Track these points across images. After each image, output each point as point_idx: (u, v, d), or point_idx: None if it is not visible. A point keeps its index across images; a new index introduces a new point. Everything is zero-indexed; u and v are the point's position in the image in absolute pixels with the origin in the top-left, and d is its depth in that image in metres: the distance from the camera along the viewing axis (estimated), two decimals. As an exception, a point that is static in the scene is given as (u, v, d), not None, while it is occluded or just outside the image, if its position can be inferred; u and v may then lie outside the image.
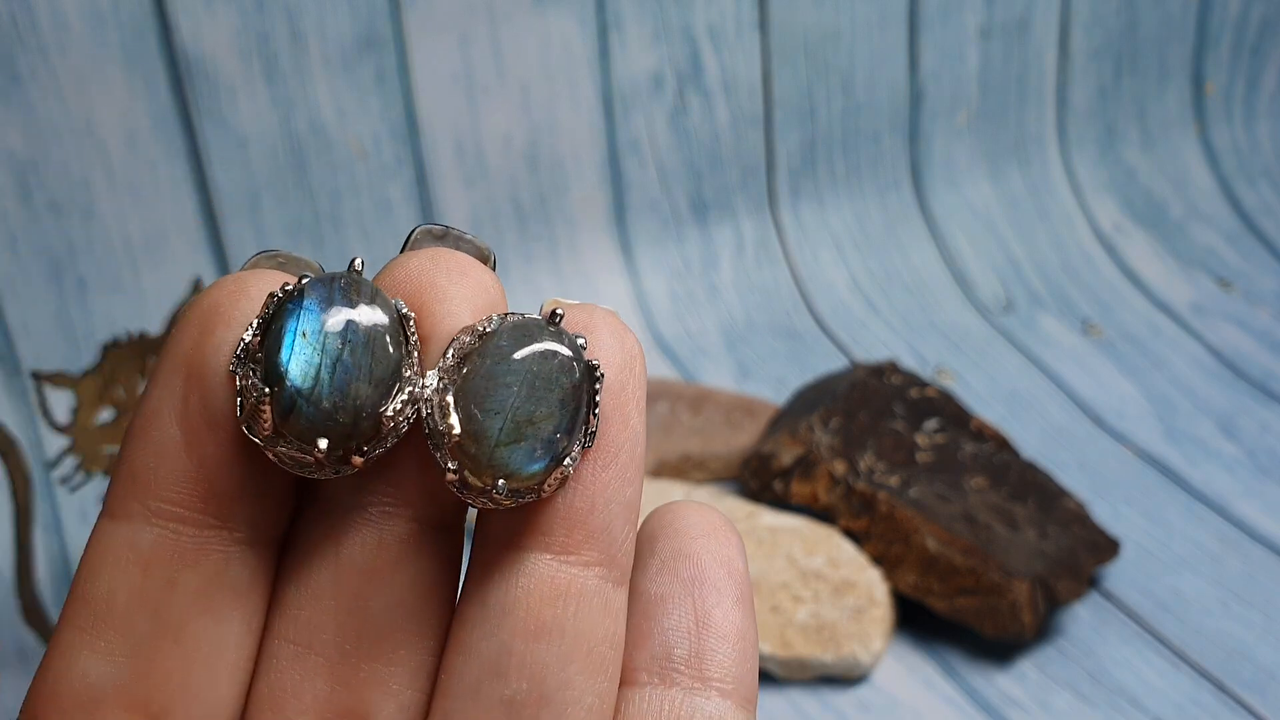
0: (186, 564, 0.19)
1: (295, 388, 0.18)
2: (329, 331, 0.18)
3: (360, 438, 0.18)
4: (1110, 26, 0.91)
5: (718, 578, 0.20)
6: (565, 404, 0.19)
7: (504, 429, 0.18)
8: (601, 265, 0.80)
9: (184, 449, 0.18)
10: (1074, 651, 0.58)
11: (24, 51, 0.63)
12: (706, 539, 0.21)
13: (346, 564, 0.19)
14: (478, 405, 0.18)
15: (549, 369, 0.18)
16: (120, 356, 0.50)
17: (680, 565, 0.20)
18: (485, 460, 0.18)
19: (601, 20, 0.75)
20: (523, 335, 0.19)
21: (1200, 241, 0.89)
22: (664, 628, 0.20)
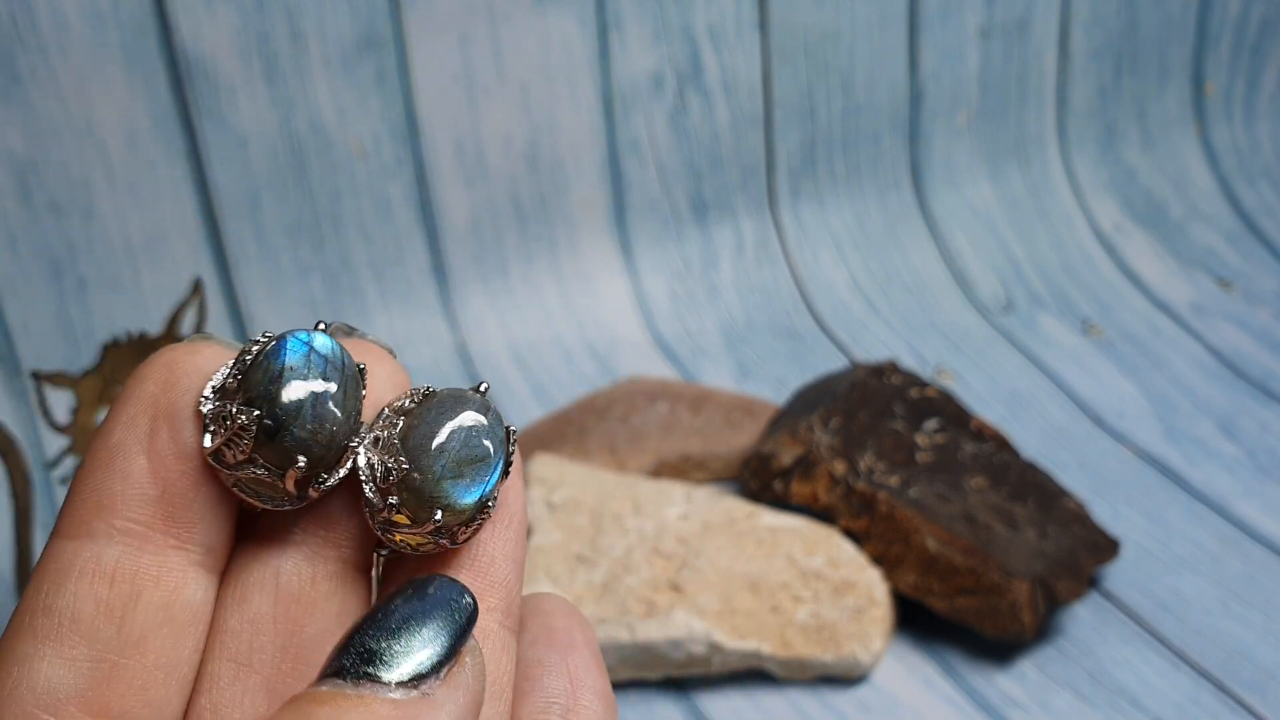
0: (149, 580, 0.20)
1: (283, 413, 0.20)
2: (314, 365, 0.21)
3: (325, 466, 0.21)
4: (1110, 26, 0.91)
5: (583, 650, 0.24)
6: (494, 454, 0.22)
7: (446, 466, 0.21)
8: (601, 265, 0.80)
9: (150, 476, 0.20)
10: (1074, 651, 0.58)
11: (24, 51, 0.63)
12: (568, 617, 0.24)
13: (284, 593, 0.21)
14: (422, 447, 0.21)
15: (478, 425, 0.22)
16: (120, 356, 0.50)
17: (556, 639, 0.24)
18: (428, 492, 0.21)
19: (601, 20, 0.75)
20: (455, 399, 0.22)
21: (1200, 241, 0.89)
22: (544, 686, 0.23)
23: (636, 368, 0.77)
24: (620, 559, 0.58)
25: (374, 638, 0.19)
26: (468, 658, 0.20)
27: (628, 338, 0.78)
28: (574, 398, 0.74)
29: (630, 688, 0.57)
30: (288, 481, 0.21)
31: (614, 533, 0.59)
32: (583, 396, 0.73)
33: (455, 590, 0.20)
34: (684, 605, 0.56)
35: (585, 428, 0.69)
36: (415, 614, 0.20)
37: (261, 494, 0.21)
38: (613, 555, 0.58)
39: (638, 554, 0.58)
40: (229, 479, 0.21)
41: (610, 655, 0.55)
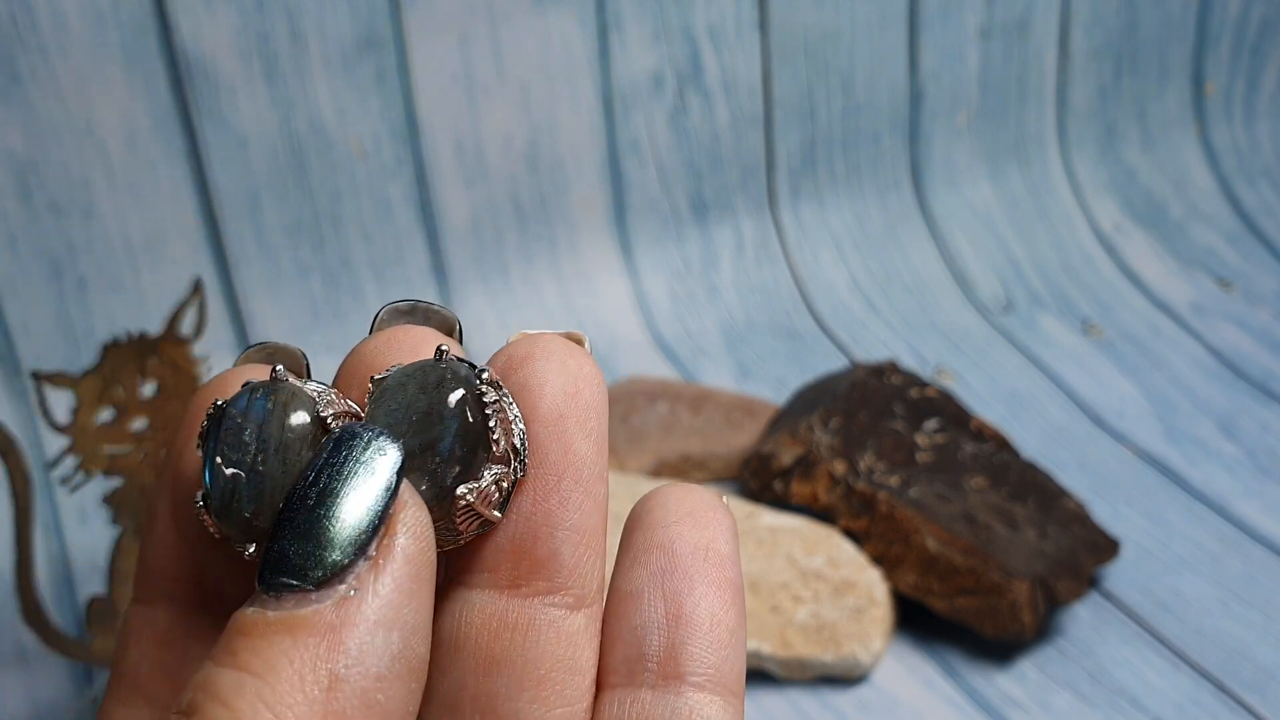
0: (194, 639, 0.20)
1: (218, 501, 0.19)
2: (245, 443, 0.19)
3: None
4: (1110, 26, 0.91)
5: (690, 564, 0.20)
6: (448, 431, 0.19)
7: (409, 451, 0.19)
8: (601, 265, 0.80)
9: (177, 548, 0.20)
10: (1074, 651, 0.58)
11: (24, 51, 0.63)
12: (681, 524, 0.20)
13: None
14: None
15: (425, 402, 0.19)
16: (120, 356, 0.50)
17: (651, 556, 0.20)
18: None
19: (601, 20, 0.75)
20: (407, 375, 0.19)
21: (1200, 241, 0.89)
22: (634, 625, 0.20)
23: (636, 368, 0.77)
24: (620, 559, 0.58)
25: (285, 535, 0.17)
26: (400, 523, 0.18)
27: (628, 338, 0.78)
28: (574, 398, 0.74)
29: (630, 688, 0.56)
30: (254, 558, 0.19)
31: (614, 533, 0.59)
32: (583, 396, 0.72)
33: (365, 445, 0.18)
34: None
35: (585, 428, 0.69)
36: (327, 492, 0.17)
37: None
38: (613, 555, 0.58)
39: (638, 554, 0.58)
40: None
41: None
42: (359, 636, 0.17)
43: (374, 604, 0.17)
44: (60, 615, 0.60)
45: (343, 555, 0.17)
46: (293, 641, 0.17)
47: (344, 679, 0.16)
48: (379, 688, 0.17)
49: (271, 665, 0.16)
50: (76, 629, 0.59)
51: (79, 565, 0.62)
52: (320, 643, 0.17)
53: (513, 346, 0.20)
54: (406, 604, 0.17)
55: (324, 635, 0.17)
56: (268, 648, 0.17)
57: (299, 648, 0.17)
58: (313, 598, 0.17)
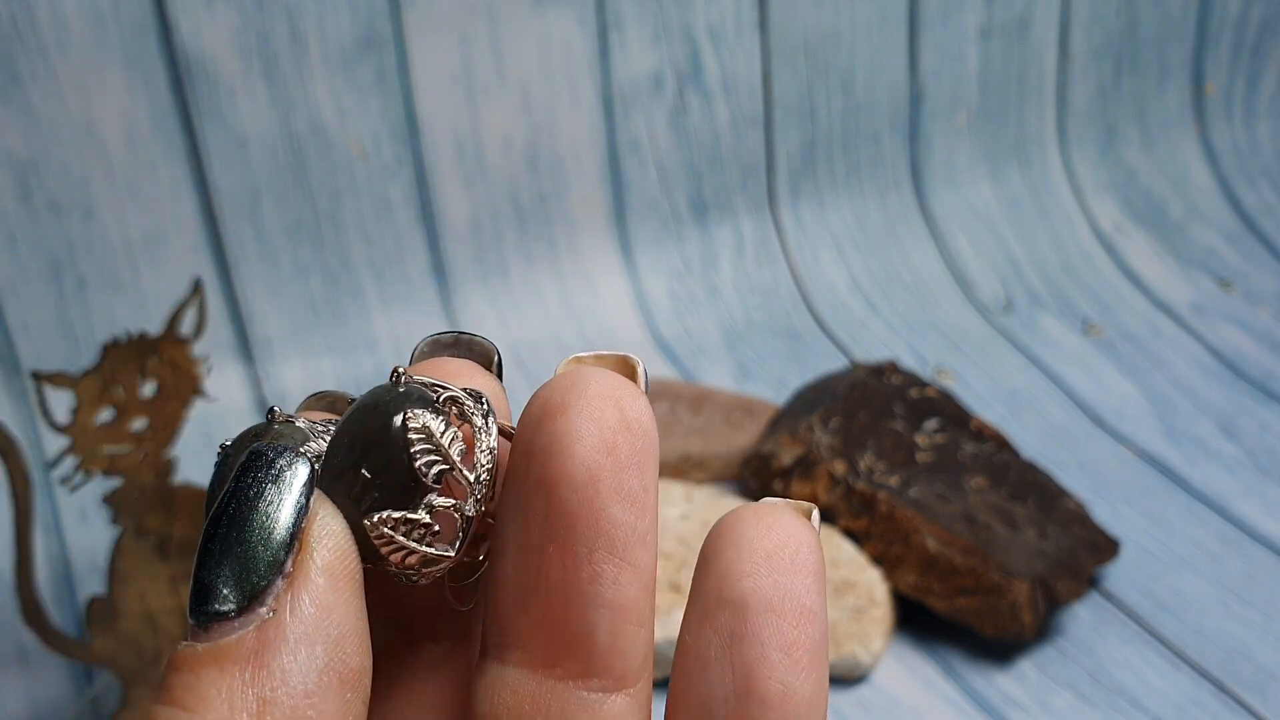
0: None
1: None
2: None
3: None
4: (1110, 26, 0.91)
5: (763, 629, 0.17)
6: (367, 458, 0.18)
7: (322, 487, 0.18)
8: (601, 265, 0.80)
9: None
10: (1074, 651, 0.58)
11: (24, 51, 0.63)
12: (757, 574, 0.18)
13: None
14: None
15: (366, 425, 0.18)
16: (120, 356, 0.50)
17: (721, 615, 0.18)
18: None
19: (601, 20, 0.75)
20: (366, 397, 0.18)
21: (1200, 241, 0.89)
22: (702, 694, 0.18)
23: (636, 368, 0.77)
24: (620, 559, 0.58)
25: (205, 564, 0.17)
26: (312, 536, 0.17)
27: (628, 338, 0.78)
28: (574, 398, 0.74)
29: (630, 688, 0.56)
30: None
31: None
32: (583, 396, 0.72)
33: (272, 464, 0.17)
34: (684, 605, 0.56)
35: (585, 428, 0.69)
36: (238, 515, 0.17)
37: None
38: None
39: (638, 554, 0.58)
40: None
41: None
42: (282, 657, 0.16)
43: (293, 622, 0.16)
44: (60, 615, 0.60)
45: (260, 578, 0.17)
46: (219, 672, 0.16)
47: (272, 701, 0.16)
48: (309, 704, 0.16)
49: (203, 698, 0.16)
50: (76, 629, 0.59)
51: (79, 565, 0.62)
52: (245, 669, 0.16)
53: (551, 389, 0.18)
54: (327, 617, 0.17)
55: (248, 661, 0.16)
56: (198, 681, 0.16)
57: (225, 677, 0.16)
58: (235, 624, 0.16)
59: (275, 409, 0.19)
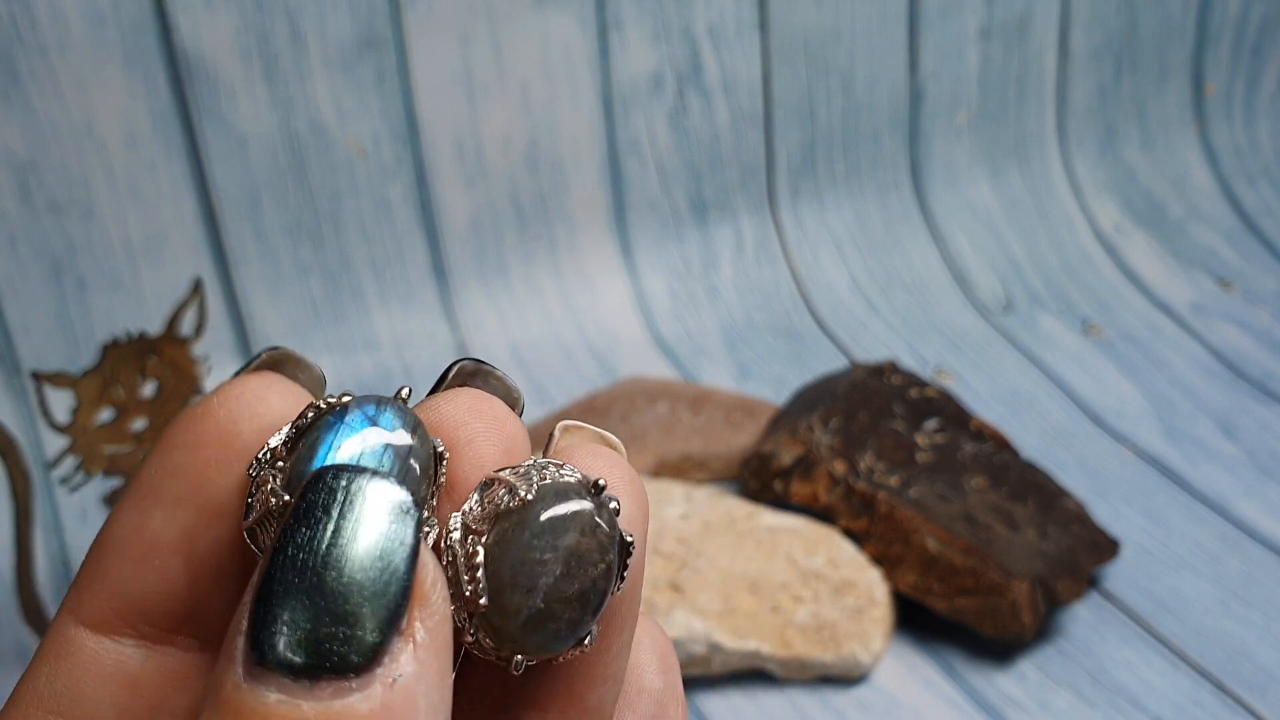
0: (175, 687, 0.18)
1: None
2: (364, 451, 0.17)
3: None
4: (1110, 26, 0.91)
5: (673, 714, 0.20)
6: (598, 585, 0.17)
7: (534, 610, 0.17)
8: (601, 265, 0.80)
9: (187, 588, 0.18)
10: (1074, 651, 0.58)
11: (24, 51, 0.63)
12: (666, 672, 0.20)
13: None
14: (511, 579, 0.17)
15: (588, 548, 0.17)
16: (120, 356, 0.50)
17: (641, 701, 0.20)
18: (510, 636, 0.17)
19: (601, 20, 0.75)
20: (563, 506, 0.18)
21: (1200, 241, 0.89)
22: None
23: (636, 368, 0.77)
24: (620, 559, 0.58)
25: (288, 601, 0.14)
26: (428, 589, 0.15)
27: (628, 338, 0.78)
28: (574, 398, 0.74)
29: (630, 688, 0.56)
30: None
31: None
32: (583, 396, 0.73)
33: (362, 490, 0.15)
34: (684, 605, 0.56)
35: (585, 428, 0.69)
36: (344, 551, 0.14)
37: None
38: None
39: (638, 554, 0.58)
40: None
41: (610, 655, 0.55)
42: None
43: (422, 691, 0.14)
44: (60, 615, 0.60)
45: (376, 634, 0.14)
46: None
47: None
48: None
49: None
50: (76, 629, 0.59)
51: (79, 565, 0.62)
52: None
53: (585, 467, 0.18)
54: (445, 686, 0.15)
55: None
56: None
57: None
58: (352, 686, 0.14)
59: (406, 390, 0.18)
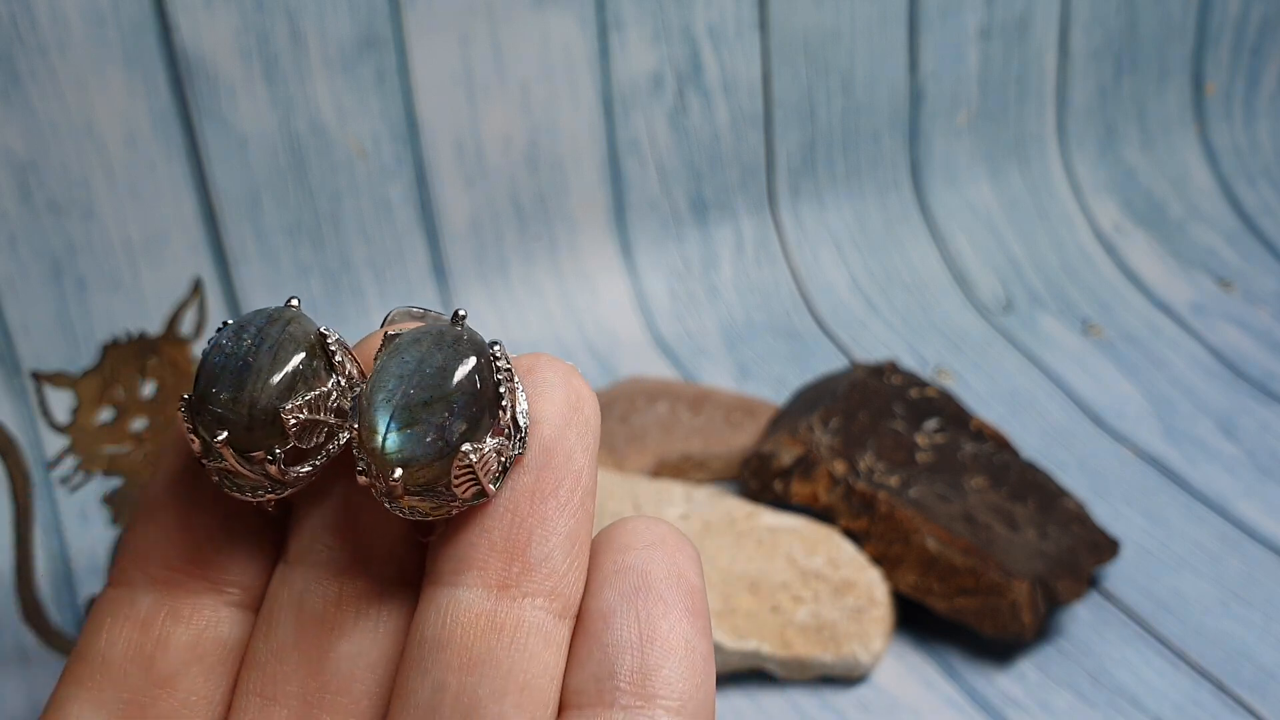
0: (179, 621, 0.20)
1: (199, 391, 0.19)
2: (238, 341, 0.19)
3: (260, 434, 0.19)
4: (1110, 26, 0.91)
5: (664, 588, 0.19)
6: (461, 389, 0.19)
7: (393, 417, 0.18)
8: (601, 265, 0.80)
9: (178, 524, 0.21)
10: (1074, 651, 0.58)
11: (24, 51, 0.63)
12: (652, 549, 0.20)
13: (308, 618, 0.20)
14: (369, 400, 0.19)
15: (440, 358, 0.19)
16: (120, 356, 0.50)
17: (623, 578, 0.19)
18: (379, 451, 0.18)
19: (601, 20, 0.75)
20: (422, 332, 0.19)
21: (1200, 241, 0.89)
22: (605, 644, 0.19)
23: (636, 368, 0.77)
24: (620, 559, 0.57)
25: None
26: None
27: (628, 338, 0.78)
28: (574, 398, 0.74)
29: (630, 688, 0.56)
30: (230, 461, 0.19)
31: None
32: (583, 396, 0.72)
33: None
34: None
35: (585, 428, 0.69)
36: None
37: (239, 484, 0.20)
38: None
39: (638, 554, 0.58)
40: (212, 476, 0.20)
41: (610, 655, 0.55)
42: None
43: None
44: (60, 615, 0.60)
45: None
46: None
47: None
48: None
49: None
50: (76, 629, 0.59)
51: (79, 565, 0.62)
52: None
53: (515, 360, 0.20)
54: None
55: None
56: None
57: None
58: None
59: (294, 299, 0.21)
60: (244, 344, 0.19)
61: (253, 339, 0.19)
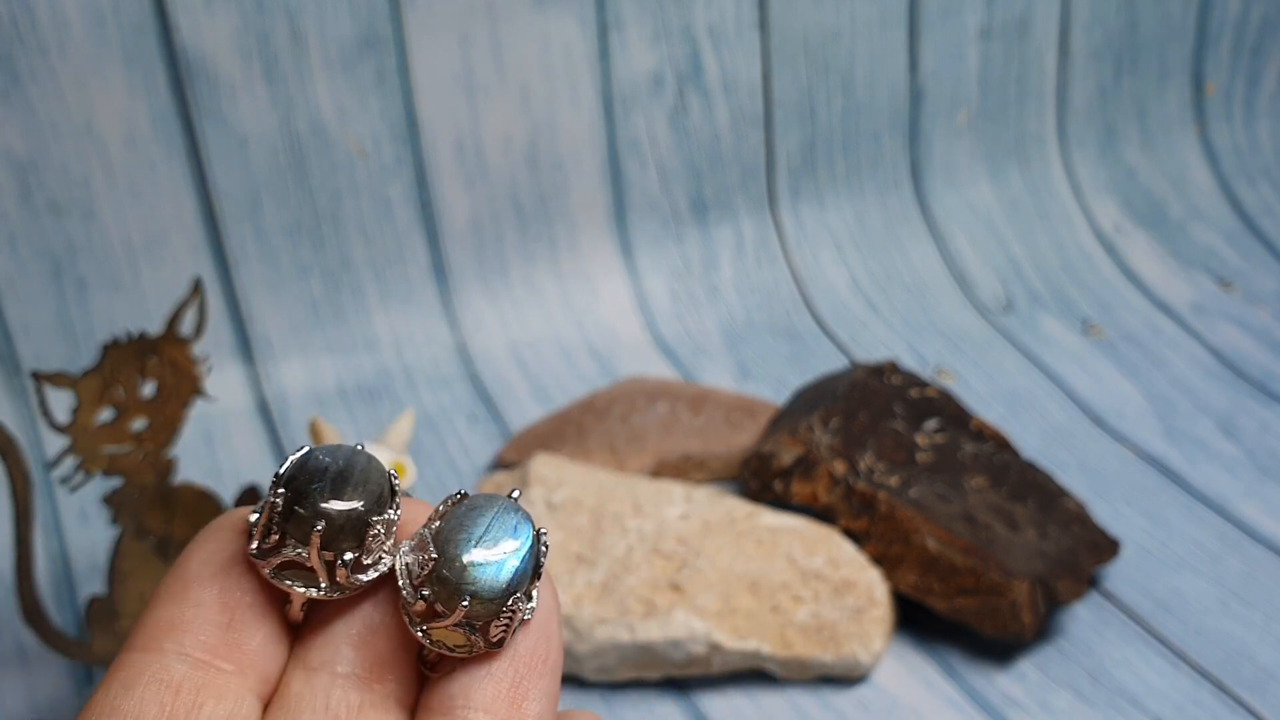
0: (213, 698, 0.21)
1: (302, 485, 0.22)
2: (335, 457, 0.22)
3: (341, 538, 0.22)
4: (1110, 26, 0.91)
5: None
6: (526, 546, 0.22)
7: (473, 551, 0.22)
8: (601, 265, 0.80)
9: (219, 605, 0.22)
10: (1074, 651, 0.58)
11: (24, 51, 0.63)
12: None
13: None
14: (450, 538, 0.22)
15: (513, 521, 0.22)
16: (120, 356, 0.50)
17: None
18: (456, 577, 0.21)
19: (601, 20, 0.75)
20: (485, 498, 0.22)
21: (1200, 241, 0.89)
22: None
23: (636, 368, 0.77)
24: (620, 559, 0.58)
25: None
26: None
27: (628, 338, 0.78)
28: (574, 398, 0.74)
29: (630, 688, 0.57)
30: (312, 552, 0.22)
31: (614, 533, 0.59)
32: (583, 396, 0.73)
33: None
34: (684, 605, 0.56)
35: (585, 428, 0.69)
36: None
37: (297, 579, 0.22)
38: (613, 555, 0.58)
39: (638, 554, 0.58)
40: (268, 569, 0.22)
41: (610, 655, 0.55)
42: None
43: None
44: (60, 615, 0.60)
45: None
46: None
47: None
48: None
49: None
50: (76, 629, 0.59)
51: (79, 565, 0.62)
52: None
53: None
54: None
55: None
56: None
57: None
58: None
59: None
60: (340, 460, 0.22)
61: (346, 459, 0.22)
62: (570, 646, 0.55)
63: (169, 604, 0.22)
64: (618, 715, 0.55)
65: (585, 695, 0.56)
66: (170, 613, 0.22)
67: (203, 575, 0.22)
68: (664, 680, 0.57)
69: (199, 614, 0.22)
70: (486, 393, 0.74)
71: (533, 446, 0.68)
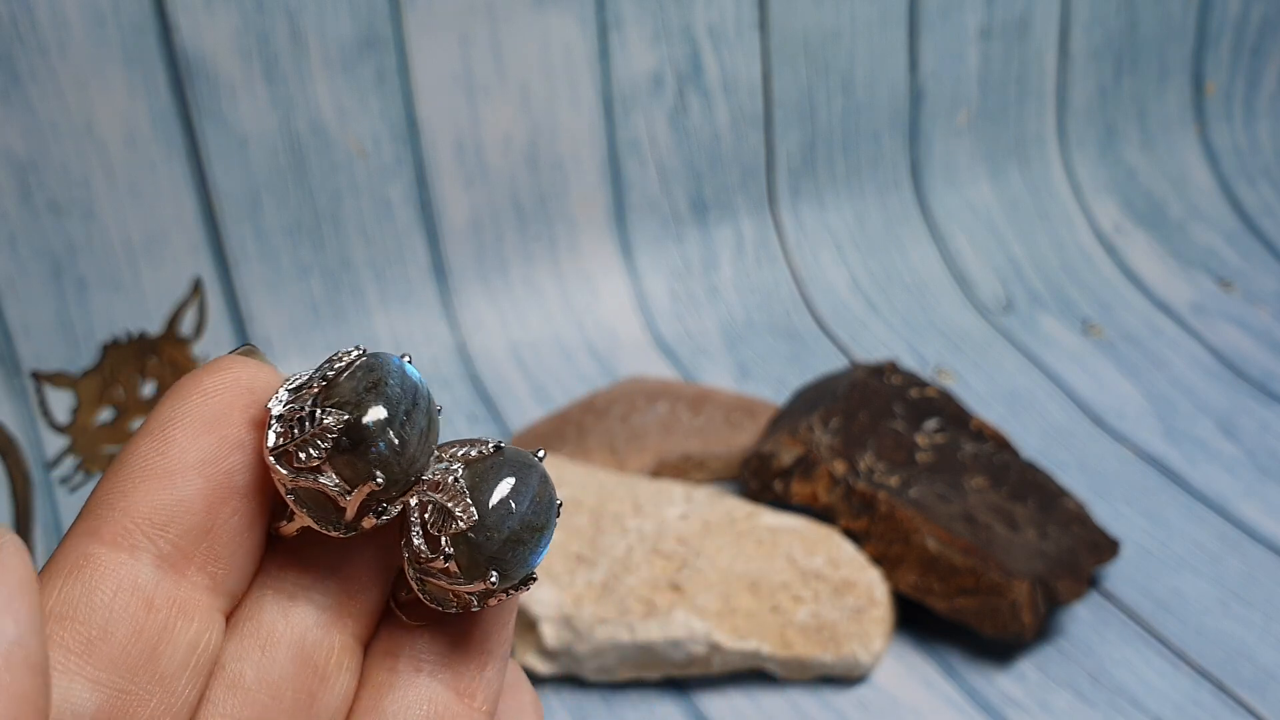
0: (185, 617, 0.19)
1: (373, 424, 0.19)
2: (406, 389, 0.20)
3: (389, 494, 0.20)
4: (1110, 26, 0.91)
5: None
6: (549, 527, 0.21)
7: (514, 530, 0.20)
8: (601, 265, 0.80)
9: (205, 507, 0.19)
10: (1074, 651, 0.58)
11: (24, 51, 0.63)
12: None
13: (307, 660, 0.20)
14: (490, 504, 0.20)
15: (549, 498, 0.21)
16: (120, 356, 0.50)
17: None
18: (490, 552, 0.20)
19: (601, 20, 0.75)
20: (525, 461, 0.21)
21: (1200, 241, 0.89)
22: None
23: (636, 368, 0.77)
24: (620, 559, 0.58)
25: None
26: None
27: (628, 338, 0.78)
28: (574, 398, 0.74)
29: (630, 688, 0.56)
30: (354, 500, 0.19)
31: (614, 533, 0.59)
32: (583, 396, 0.73)
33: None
34: (684, 605, 0.56)
35: (585, 428, 0.69)
36: None
37: (316, 511, 0.19)
38: (613, 555, 0.58)
39: (638, 554, 0.58)
40: (288, 483, 0.19)
41: (610, 655, 0.55)
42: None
43: None
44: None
45: None
46: None
47: None
48: None
49: None
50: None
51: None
52: None
53: None
54: None
55: None
56: None
57: None
58: None
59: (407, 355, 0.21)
60: (409, 398, 0.20)
61: (411, 398, 0.20)
62: (570, 646, 0.55)
63: (145, 487, 0.19)
64: (618, 715, 0.55)
65: (585, 695, 0.56)
66: (147, 501, 0.18)
67: (187, 460, 0.19)
68: (664, 680, 0.57)
69: (184, 513, 0.19)
70: (486, 393, 0.74)
71: (533, 446, 0.68)
